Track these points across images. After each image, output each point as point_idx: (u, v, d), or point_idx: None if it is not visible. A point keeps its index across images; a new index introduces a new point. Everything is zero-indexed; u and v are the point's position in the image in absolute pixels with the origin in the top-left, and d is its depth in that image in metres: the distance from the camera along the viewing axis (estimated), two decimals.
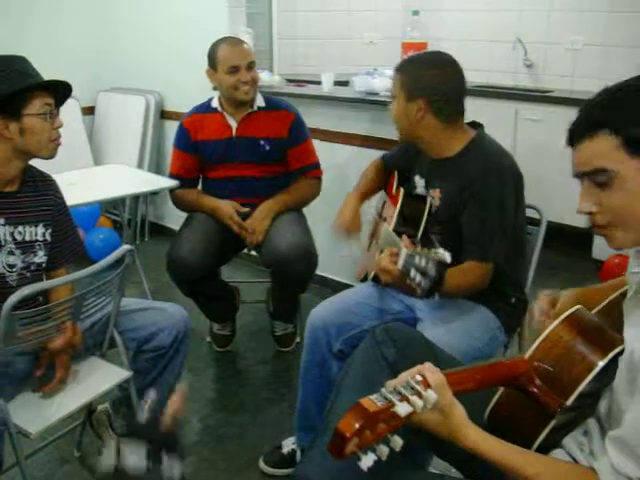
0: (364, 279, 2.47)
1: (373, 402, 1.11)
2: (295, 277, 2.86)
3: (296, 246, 2.80)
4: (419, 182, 2.31)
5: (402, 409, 1.12)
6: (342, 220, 2.46)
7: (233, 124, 3.00)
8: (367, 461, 1.11)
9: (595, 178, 1.21)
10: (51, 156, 2.06)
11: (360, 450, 1.11)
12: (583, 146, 1.22)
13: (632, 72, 1.34)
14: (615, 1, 4.49)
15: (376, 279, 2.32)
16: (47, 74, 2.02)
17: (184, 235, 2.94)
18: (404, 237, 1.89)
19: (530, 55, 4.97)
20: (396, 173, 2.48)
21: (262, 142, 2.99)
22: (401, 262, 1.74)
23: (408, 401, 1.14)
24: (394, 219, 2.24)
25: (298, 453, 2.41)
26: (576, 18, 4.70)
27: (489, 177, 2.07)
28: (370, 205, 2.61)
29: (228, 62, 2.88)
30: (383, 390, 1.15)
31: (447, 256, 1.61)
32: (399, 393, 1.15)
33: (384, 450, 1.13)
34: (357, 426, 1.07)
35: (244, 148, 3.00)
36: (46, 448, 2.48)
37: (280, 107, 3.07)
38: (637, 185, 1.17)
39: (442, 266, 1.61)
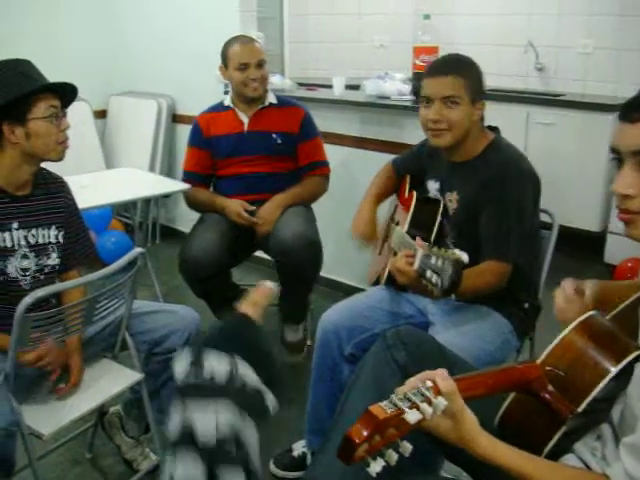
0: (376, 282, 2.47)
1: (383, 409, 1.11)
2: (299, 267, 2.85)
3: (300, 236, 2.82)
4: (432, 186, 2.31)
5: (412, 416, 1.12)
6: (358, 231, 2.46)
7: (245, 119, 3.09)
8: (376, 467, 1.11)
9: None
10: (60, 158, 2.07)
11: (369, 456, 1.11)
12: None
13: None
14: (626, 4, 4.48)
15: (389, 282, 2.32)
16: (58, 78, 2.01)
17: (196, 234, 2.98)
18: (418, 239, 1.89)
19: (541, 59, 4.96)
20: (408, 177, 2.48)
21: (274, 135, 3.07)
22: (417, 263, 1.73)
23: (418, 408, 1.14)
24: (407, 222, 2.23)
25: (309, 456, 2.41)
26: (586, 22, 4.69)
27: (508, 179, 2.07)
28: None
29: (238, 59, 2.97)
30: (393, 397, 1.14)
31: (464, 257, 1.60)
32: (409, 400, 1.14)
33: (393, 456, 1.13)
34: (366, 433, 1.08)
35: (255, 142, 3.06)
36: (58, 450, 2.49)
37: (290, 104, 3.17)
38: None
39: (459, 266, 1.60)
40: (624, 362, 1.27)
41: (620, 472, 1.17)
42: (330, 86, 3.83)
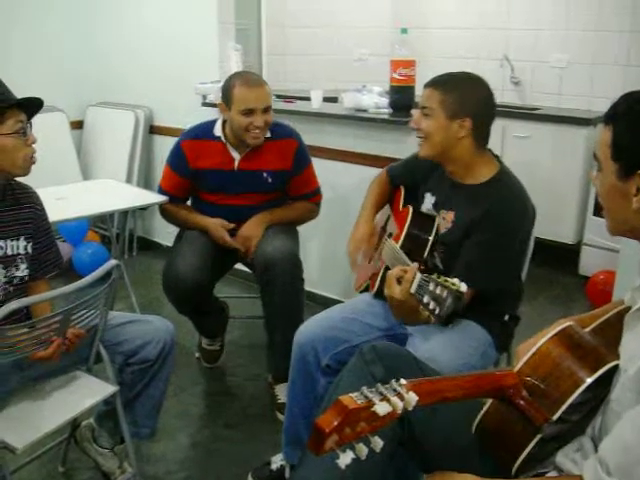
0: (365, 290, 2.47)
1: (353, 399, 1.12)
2: (281, 282, 2.77)
3: (280, 250, 2.77)
4: (429, 199, 2.31)
5: (382, 408, 1.13)
6: (353, 248, 2.46)
7: (236, 156, 2.93)
8: (345, 459, 1.11)
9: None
10: (25, 174, 2.04)
11: (339, 447, 1.11)
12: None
13: (617, 90, 1.37)
14: (601, 20, 4.54)
15: (379, 293, 2.31)
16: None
17: (180, 252, 2.88)
18: (414, 264, 1.91)
19: (517, 73, 5.01)
20: (403, 189, 2.46)
21: (265, 174, 2.94)
22: (414, 287, 1.75)
23: (389, 401, 1.14)
24: (402, 237, 2.21)
25: (287, 469, 2.39)
26: (562, 36, 4.75)
27: (513, 216, 2.12)
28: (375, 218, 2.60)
29: (244, 104, 2.77)
30: (364, 389, 1.15)
31: (463, 287, 1.61)
32: (380, 393, 1.15)
33: (363, 450, 1.13)
34: (336, 423, 1.09)
35: (245, 181, 2.93)
36: (32, 464, 2.45)
37: (284, 135, 2.99)
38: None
39: (460, 297, 1.59)
40: (600, 372, 1.28)
41: (591, 461, 1.19)
42: (308, 99, 3.83)
